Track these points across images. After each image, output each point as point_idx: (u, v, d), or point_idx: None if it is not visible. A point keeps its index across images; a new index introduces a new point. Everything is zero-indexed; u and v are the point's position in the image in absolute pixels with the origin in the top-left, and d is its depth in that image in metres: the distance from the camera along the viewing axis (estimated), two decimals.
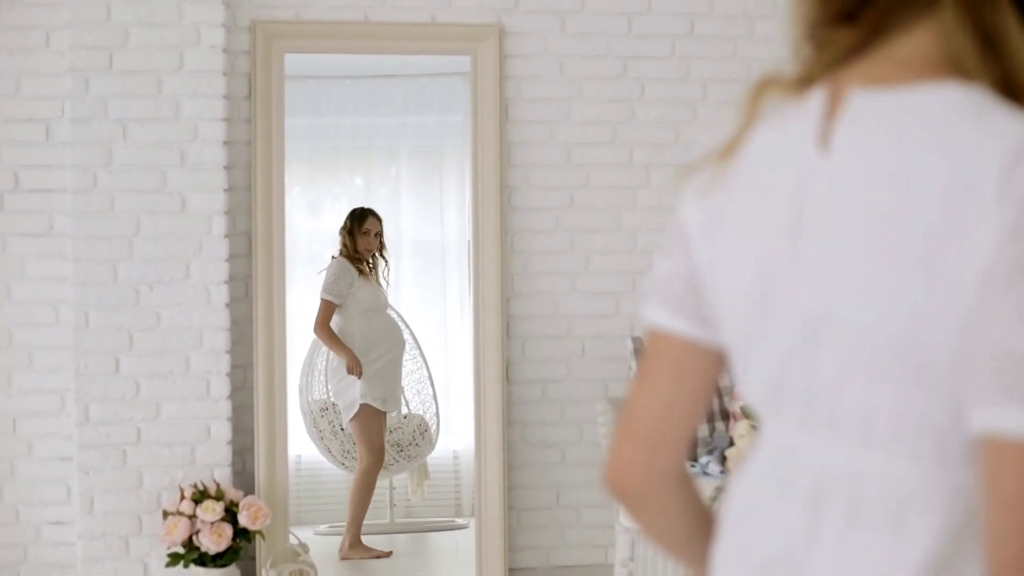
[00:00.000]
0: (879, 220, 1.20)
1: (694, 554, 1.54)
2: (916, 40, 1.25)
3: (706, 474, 4.92)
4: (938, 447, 1.22)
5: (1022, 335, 1.10)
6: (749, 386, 1.39)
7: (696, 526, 1.53)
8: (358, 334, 6.26)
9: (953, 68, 1.23)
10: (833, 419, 1.28)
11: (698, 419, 1.49)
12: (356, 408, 6.23)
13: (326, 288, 6.21)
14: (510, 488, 5.68)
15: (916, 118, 1.21)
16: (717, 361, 1.45)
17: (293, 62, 5.62)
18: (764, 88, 1.34)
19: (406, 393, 6.61)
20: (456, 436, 6.82)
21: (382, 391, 6.30)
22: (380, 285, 6.40)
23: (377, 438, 6.27)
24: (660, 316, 1.45)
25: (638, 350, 5.33)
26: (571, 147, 5.71)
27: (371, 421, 6.25)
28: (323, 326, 6.21)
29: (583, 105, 5.70)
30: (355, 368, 6.18)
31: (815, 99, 1.29)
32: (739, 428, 4.81)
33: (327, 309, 6.21)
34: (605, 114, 5.71)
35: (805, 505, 1.31)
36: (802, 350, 1.29)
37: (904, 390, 1.21)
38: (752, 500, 1.39)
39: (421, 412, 6.65)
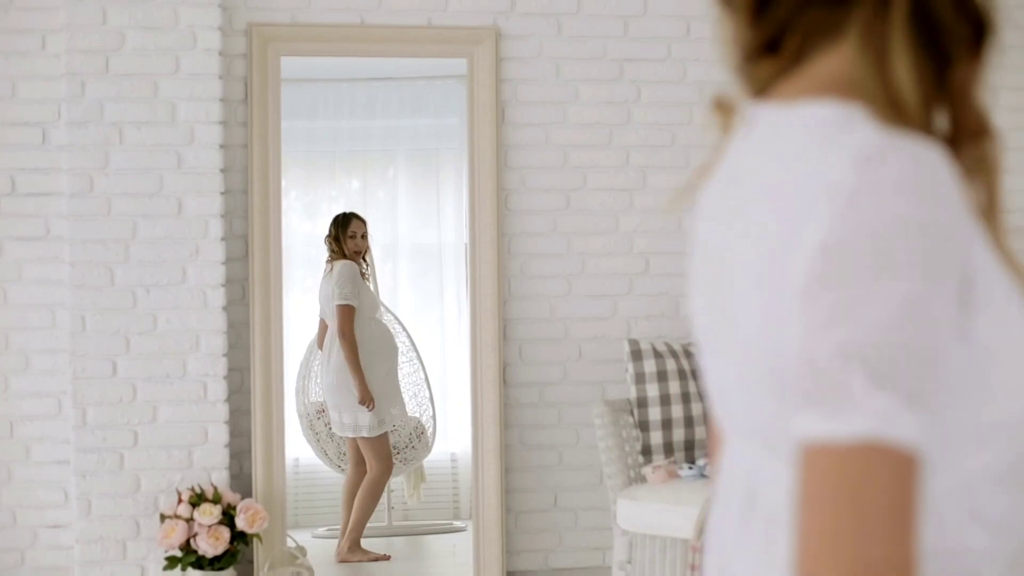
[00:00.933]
0: (743, 232, 1.22)
1: None
2: (828, 62, 1.25)
3: (704, 476, 4.92)
4: (790, 451, 1.22)
5: (818, 342, 1.10)
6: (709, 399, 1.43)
7: None
8: (365, 346, 6.24)
9: (854, 89, 1.22)
10: (742, 425, 1.30)
11: None
12: (359, 435, 6.23)
13: (345, 294, 6.16)
14: (507, 491, 5.68)
15: (787, 133, 1.22)
16: None
17: (289, 65, 5.63)
18: (723, 109, 1.36)
19: (403, 396, 6.61)
20: (453, 439, 6.82)
21: (383, 412, 6.29)
22: (371, 290, 6.39)
23: (385, 450, 6.29)
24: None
25: (634, 352, 5.34)
26: (567, 150, 5.71)
27: (376, 438, 6.26)
28: (352, 334, 6.15)
29: (579, 108, 5.71)
30: (368, 403, 6.18)
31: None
32: None
33: (351, 315, 6.16)
34: (601, 117, 5.71)
35: (739, 514, 1.32)
36: (708, 362, 1.32)
37: (776, 400, 1.21)
38: (716, 520, 1.40)
39: (418, 415, 6.64)
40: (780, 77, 1.26)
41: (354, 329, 6.16)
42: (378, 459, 6.25)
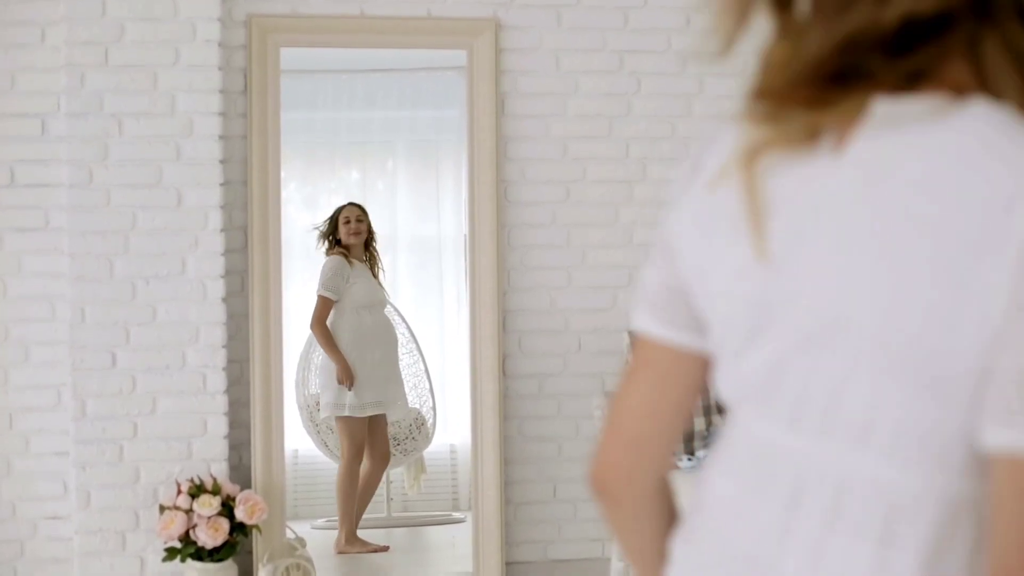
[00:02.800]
0: (904, 227, 1.19)
1: (652, 558, 1.54)
2: (948, 68, 1.24)
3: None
4: (940, 456, 1.22)
5: None
6: (732, 382, 1.38)
7: (663, 530, 1.53)
8: (348, 332, 6.25)
9: (981, 87, 1.23)
10: (826, 420, 1.27)
11: (682, 425, 1.49)
12: (338, 413, 6.24)
13: (323, 284, 6.21)
14: (507, 482, 5.68)
15: (943, 129, 1.20)
16: (703, 367, 1.45)
17: (289, 56, 5.62)
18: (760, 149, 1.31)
19: (404, 387, 6.61)
20: (453, 431, 6.82)
21: (372, 395, 6.29)
22: (377, 281, 6.39)
23: (358, 435, 6.28)
24: (647, 324, 1.47)
25: (634, 344, 5.33)
26: (567, 141, 5.71)
27: (354, 422, 6.26)
28: (320, 323, 6.20)
29: (579, 99, 5.70)
30: (346, 379, 6.18)
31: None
32: None
33: (324, 305, 6.21)
34: (601, 108, 5.71)
35: (785, 506, 1.31)
36: (803, 351, 1.28)
37: (915, 398, 1.21)
38: (731, 495, 1.38)
39: (418, 407, 6.65)
40: (913, 82, 1.25)
41: (325, 320, 6.19)
42: (349, 443, 6.24)
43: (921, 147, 1.21)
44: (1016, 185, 1.14)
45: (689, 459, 5.03)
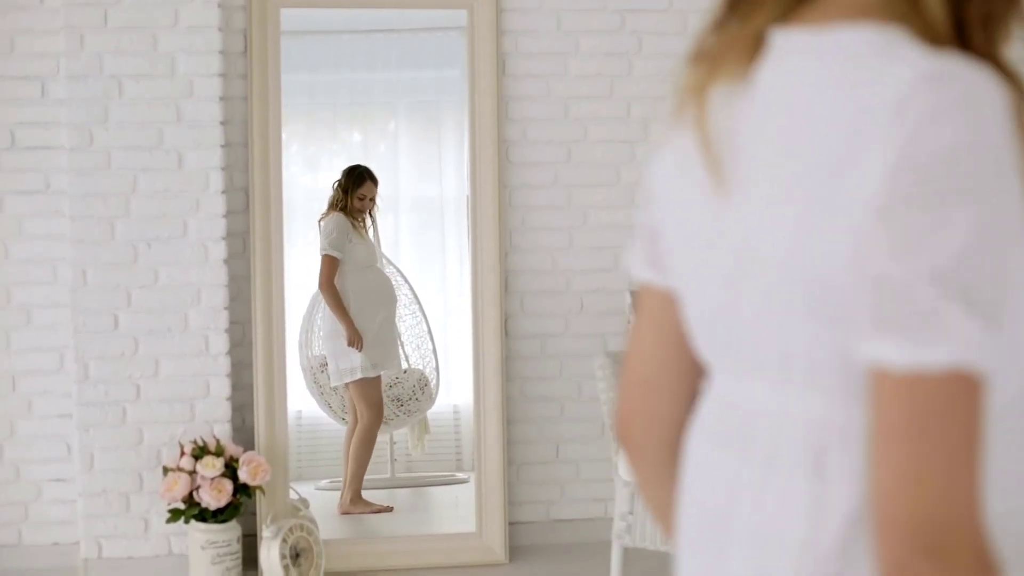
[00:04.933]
0: (789, 156, 1.19)
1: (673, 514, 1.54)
2: None
3: None
4: (854, 384, 1.20)
5: (900, 266, 1.09)
6: (692, 331, 1.40)
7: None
8: (352, 292, 6.24)
9: (887, 14, 1.22)
10: (756, 361, 1.28)
11: (691, 368, 1.47)
12: (352, 378, 6.23)
13: (329, 243, 6.15)
14: (510, 443, 5.69)
15: (828, 56, 1.21)
16: None
17: (289, 17, 5.60)
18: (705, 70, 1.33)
19: (406, 348, 6.61)
20: (456, 391, 6.83)
21: (379, 356, 6.30)
22: (372, 241, 6.37)
23: (376, 396, 6.28)
24: (636, 268, 1.49)
25: (636, 304, 5.33)
26: (568, 101, 5.69)
27: (368, 384, 6.26)
28: (329, 284, 6.14)
29: (580, 59, 5.69)
30: (356, 343, 6.17)
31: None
32: None
33: (331, 265, 6.16)
34: (602, 68, 5.69)
35: (738, 454, 1.31)
36: (729, 293, 1.29)
37: (814, 326, 1.20)
38: (698, 452, 1.39)
39: (421, 367, 6.65)
40: (800, 4, 1.26)
41: (333, 279, 6.15)
42: (368, 406, 6.25)
43: (798, 74, 1.22)
44: (873, 100, 1.13)
45: None
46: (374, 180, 6.33)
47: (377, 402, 6.28)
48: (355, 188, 6.26)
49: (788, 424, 1.26)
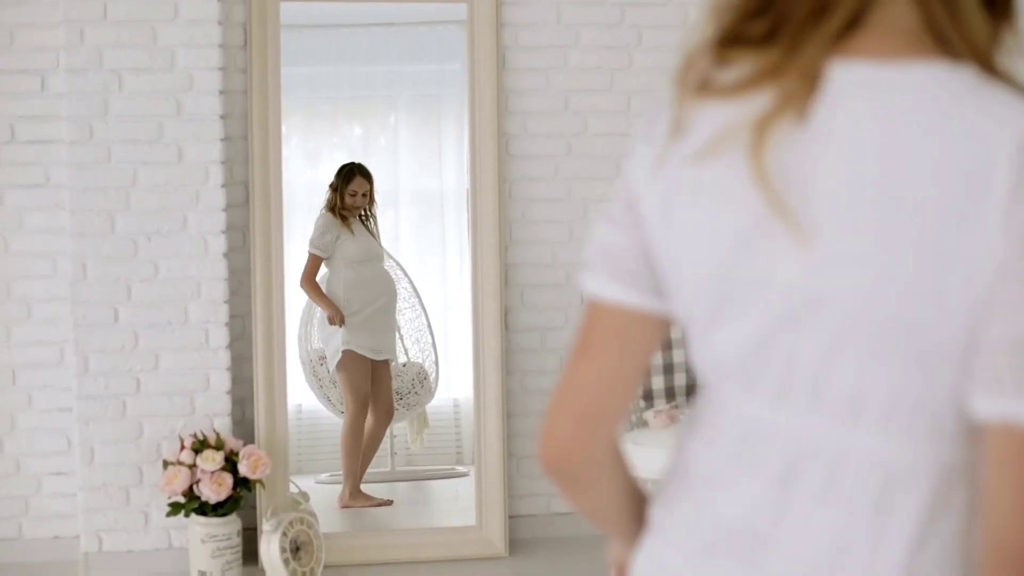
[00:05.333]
0: (877, 199, 1.18)
1: (621, 528, 1.53)
2: (891, 14, 1.23)
3: None
4: (931, 427, 1.23)
5: None
6: (710, 358, 1.36)
7: (625, 501, 1.50)
8: (342, 285, 6.23)
9: (936, 41, 1.21)
10: (815, 397, 1.27)
11: (636, 392, 1.47)
12: (340, 355, 6.23)
13: (312, 242, 6.19)
14: (510, 436, 5.69)
15: (905, 96, 1.19)
16: (664, 329, 1.41)
17: (289, 11, 5.60)
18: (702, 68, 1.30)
19: (405, 341, 6.61)
20: (456, 385, 6.83)
21: (369, 340, 6.29)
22: (372, 236, 6.36)
23: (363, 385, 6.27)
24: (606, 288, 1.40)
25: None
26: (568, 94, 5.69)
27: (355, 369, 6.24)
28: (308, 279, 6.19)
29: (580, 52, 5.68)
30: (336, 318, 6.18)
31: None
32: None
33: (313, 263, 6.18)
34: (602, 61, 5.69)
35: (778, 481, 1.30)
36: (785, 327, 1.26)
37: (902, 371, 1.21)
38: (717, 471, 1.37)
39: (420, 361, 6.65)
40: (851, 31, 1.23)
41: (313, 277, 6.17)
42: (353, 397, 6.24)
43: (880, 115, 1.19)
44: (986, 154, 1.13)
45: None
46: (365, 175, 6.32)
47: (359, 390, 6.26)
48: (345, 185, 6.26)
49: (851, 459, 1.26)
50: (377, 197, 6.44)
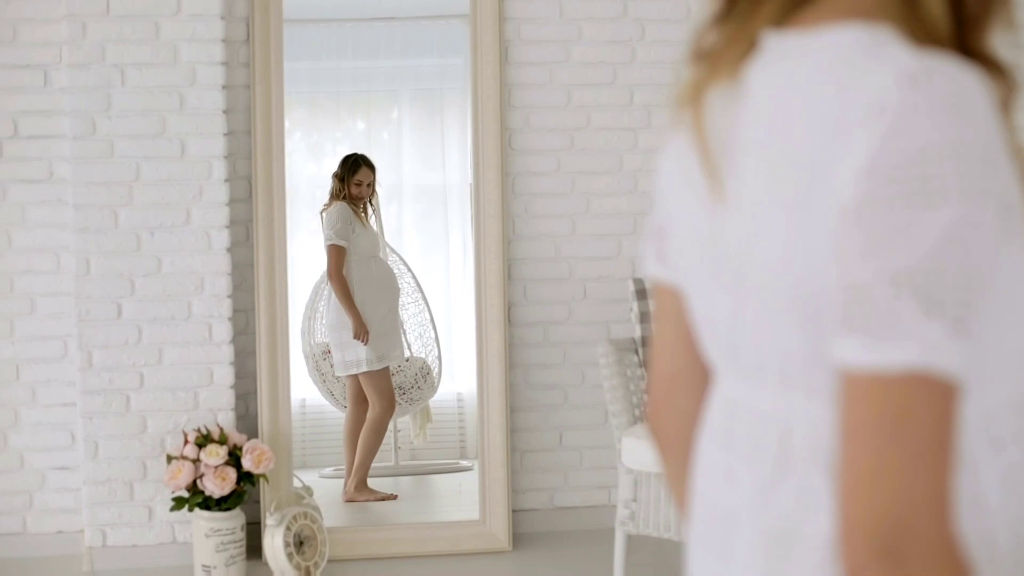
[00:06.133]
0: (778, 160, 1.19)
1: None
2: None
3: None
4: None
5: (863, 268, 1.09)
6: (705, 340, 1.39)
7: None
8: (357, 282, 6.23)
9: (879, 11, 1.21)
10: (759, 365, 1.28)
11: (706, 363, 1.48)
12: (356, 370, 6.23)
13: (335, 233, 6.13)
14: (513, 430, 5.69)
15: (815, 58, 1.20)
16: None
17: (291, 5, 5.59)
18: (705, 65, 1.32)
19: (408, 336, 6.62)
20: (459, 379, 6.83)
21: (384, 347, 6.29)
22: (374, 230, 6.37)
23: (386, 386, 6.28)
24: (648, 264, 1.49)
25: (639, 291, 5.33)
26: (571, 89, 5.69)
27: (378, 375, 6.26)
28: (338, 274, 6.11)
29: (583, 46, 5.68)
30: (362, 335, 6.17)
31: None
32: None
33: (338, 254, 6.13)
34: (605, 55, 5.69)
35: (746, 456, 1.31)
36: (733, 297, 1.28)
37: (804, 331, 1.20)
38: (708, 453, 1.39)
39: (423, 355, 6.65)
40: (798, 7, 1.24)
41: (342, 269, 6.14)
42: (380, 396, 6.25)
43: (787, 77, 1.21)
44: (853, 102, 1.13)
45: None
46: (369, 166, 6.32)
47: (388, 392, 6.28)
48: (350, 175, 6.25)
49: (796, 426, 1.26)
50: (380, 191, 6.44)
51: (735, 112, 1.26)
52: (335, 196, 6.25)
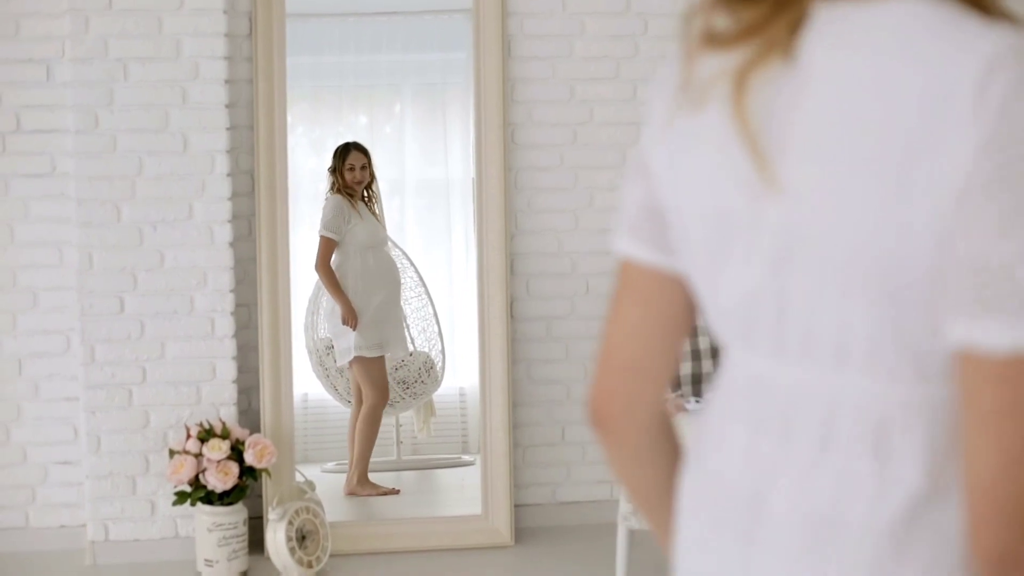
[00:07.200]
0: (854, 134, 1.17)
1: (658, 500, 1.52)
2: None
3: None
4: (917, 364, 1.20)
5: (1000, 247, 1.08)
6: (716, 314, 1.37)
7: (668, 470, 1.50)
8: (354, 273, 6.23)
9: None
10: (807, 343, 1.26)
11: (674, 350, 1.46)
12: (349, 356, 6.23)
13: (324, 224, 6.16)
14: (515, 425, 5.69)
15: (884, 31, 1.18)
16: (684, 289, 1.43)
17: (294, 0, 5.59)
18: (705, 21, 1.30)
19: (411, 331, 6.61)
20: (462, 374, 6.83)
21: (377, 337, 6.29)
22: (378, 221, 6.37)
23: (379, 376, 6.28)
24: (627, 246, 1.44)
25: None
26: (574, 83, 5.68)
27: (369, 364, 6.26)
28: (324, 265, 6.16)
29: (586, 41, 5.67)
30: (350, 320, 6.17)
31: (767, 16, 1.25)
32: None
33: (327, 246, 6.16)
34: (608, 50, 5.68)
35: (779, 436, 1.29)
36: (775, 272, 1.26)
37: (879, 307, 1.18)
38: (725, 431, 1.37)
39: (426, 350, 6.65)
40: None
41: (328, 261, 6.15)
42: (372, 386, 6.25)
43: (852, 52, 1.19)
44: (952, 80, 1.11)
45: (697, 400, 5.03)
46: (360, 149, 6.32)
47: (379, 382, 6.27)
48: (342, 162, 6.26)
49: (845, 405, 1.24)
50: (383, 186, 6.44)
51: (786, 88, 1.23)
52: (332, 190, 6.26)
